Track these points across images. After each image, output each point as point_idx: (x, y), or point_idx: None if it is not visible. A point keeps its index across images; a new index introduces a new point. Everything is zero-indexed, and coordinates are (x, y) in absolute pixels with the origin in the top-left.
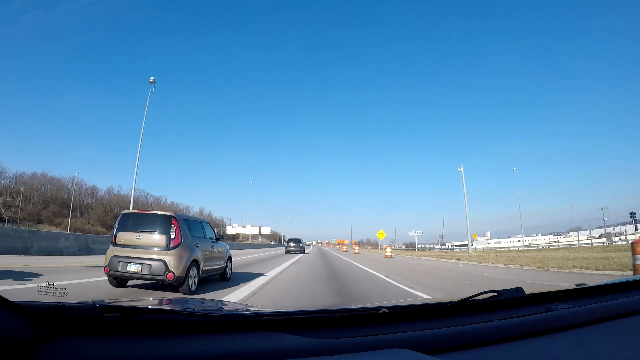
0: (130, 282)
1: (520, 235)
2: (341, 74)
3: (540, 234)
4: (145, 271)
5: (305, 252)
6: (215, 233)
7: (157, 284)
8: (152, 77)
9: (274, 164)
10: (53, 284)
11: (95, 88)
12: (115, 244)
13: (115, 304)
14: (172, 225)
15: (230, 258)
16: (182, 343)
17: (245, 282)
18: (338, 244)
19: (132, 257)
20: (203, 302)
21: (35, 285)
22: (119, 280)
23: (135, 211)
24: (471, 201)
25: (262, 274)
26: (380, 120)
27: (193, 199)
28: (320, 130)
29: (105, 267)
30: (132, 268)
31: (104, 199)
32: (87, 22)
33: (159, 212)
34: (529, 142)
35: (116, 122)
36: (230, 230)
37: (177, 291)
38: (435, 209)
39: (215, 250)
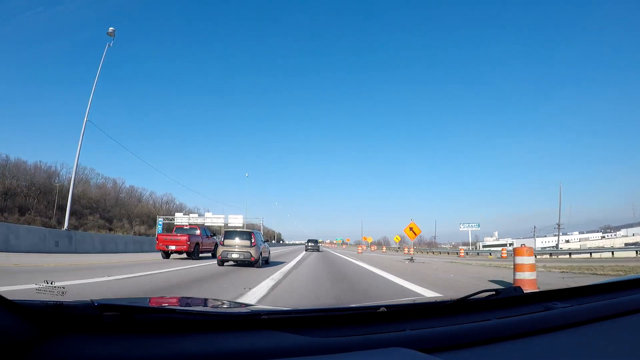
0: (226, 264)
1: (556, 235)
2: (348, 74)
3: (572, 233)
4: (241, 257)
5: (320, 250)
6: (263, 238)
7: (242, 263)
8: (111, 28)
9: (272, 163)
10: (52, 283)
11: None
12: (222, 244)
13: (113, 302)
14: (251, 235)
15: (269, 252)
16: (181, 342)
17: (279, 264)
18: (347, 242)
19: (234, 251)
20: (202, 301)
21: (34, 284)
22: (223, 262)
23: (233, 229)
24: (471, 201)
25: (285, 262)
26: (385, 119)
27: (158, 185)
28: (316, 127)
29: (219, 255)
30: (234, 255)
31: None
32: None
33: (246, 230)
34: (524, 143)
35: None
36: (181, 220)
37: (254, 267)
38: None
39: (265, 247)
